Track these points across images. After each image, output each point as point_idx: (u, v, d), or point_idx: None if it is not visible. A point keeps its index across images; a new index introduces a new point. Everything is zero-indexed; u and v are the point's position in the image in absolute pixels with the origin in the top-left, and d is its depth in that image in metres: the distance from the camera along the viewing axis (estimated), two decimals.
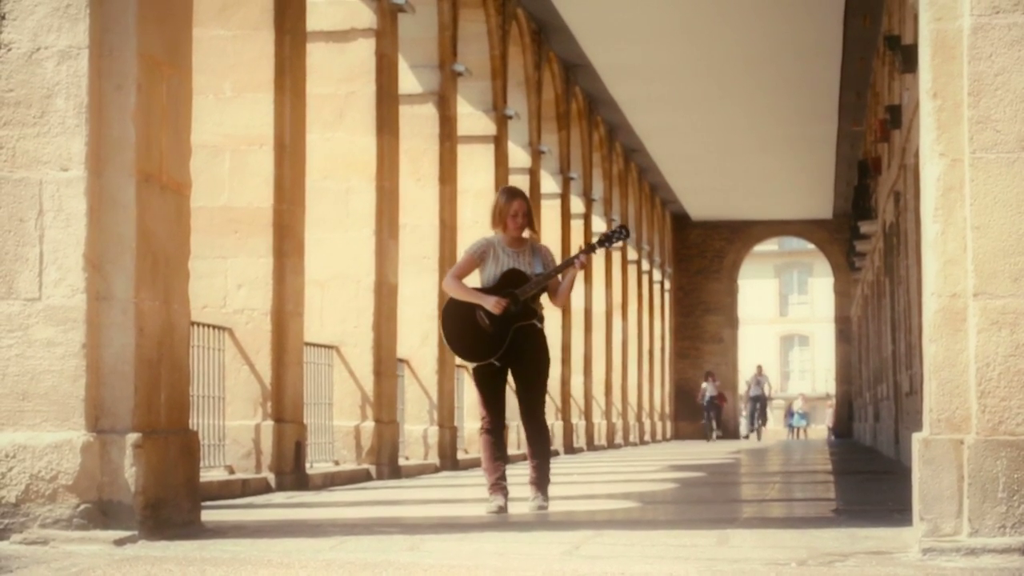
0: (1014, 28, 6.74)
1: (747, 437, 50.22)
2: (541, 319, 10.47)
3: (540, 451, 10.47)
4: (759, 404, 48.36)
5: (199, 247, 10.70)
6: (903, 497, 10.08)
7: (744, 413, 53.81)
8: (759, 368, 49.74)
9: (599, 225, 35.45)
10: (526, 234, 10.43)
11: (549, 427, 10.79)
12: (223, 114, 13.86)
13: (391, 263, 17.27)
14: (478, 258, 10.42)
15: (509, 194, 10.52)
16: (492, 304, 10.18)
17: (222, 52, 13.89)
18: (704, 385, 47.17)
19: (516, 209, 10.39)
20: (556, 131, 29.45)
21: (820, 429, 65.05)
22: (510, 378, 10.45)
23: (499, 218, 10.41)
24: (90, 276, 7.58)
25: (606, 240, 10.79)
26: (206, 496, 9.95)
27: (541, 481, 10.44)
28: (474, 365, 10.43)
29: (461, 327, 10.34)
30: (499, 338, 10.24)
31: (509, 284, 10.29)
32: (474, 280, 10.46)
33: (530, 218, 10.45)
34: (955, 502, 6.67)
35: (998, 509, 6.61)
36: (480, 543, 7.45)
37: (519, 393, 10.44)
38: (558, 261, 10.60)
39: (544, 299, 10.62)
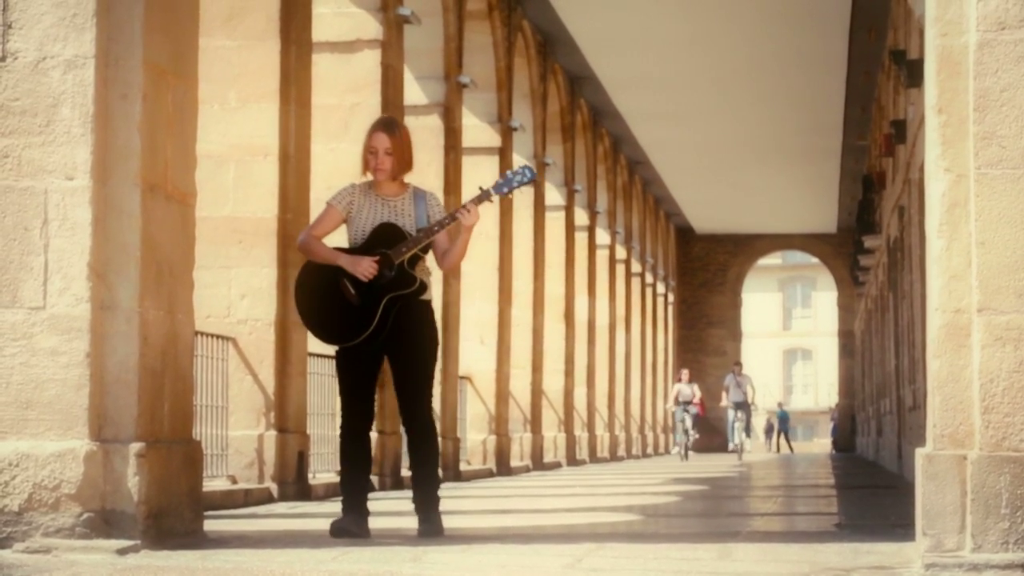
0: (1020, 44, 6.73)
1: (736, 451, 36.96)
2: (425, 288, 8.28)
3: (424, 460, 8.31)
4: (741, 412, 34.99)
5: (203, 257, 10.69)
6: (906, 512, 10.07)
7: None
8: (738, 366, 36.03)
9: (603, 237, 35.45)
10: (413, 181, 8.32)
11: (437, 429, 8.50)
12: (228, 124, 13.87)
13: None
14: (343, 209, 8.25)
15: (372, 127, 8.21)
16: (359, 266, 8.11)
17: (228, 62, 13.90)
18: (676, 386, 36.27)
19: (375, 145, 8.12)
20: (561, 143, 29.47)
21: (821, 443, 64.90)
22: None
23: (363, 159, 8.22)
24: (94, 285, 7.58)
25: (504, 184, 8.39)
26: (208, 506, 9.93)
27: (427, 500, 8.30)
28: (337, 348, 8.35)
29: (319, 299, 8.22)
30: (368, 312, 8.12)
31: (382, 243, 8.15)
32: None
33: (402, 158, 8.13)
34: (958, 518, 6.66)
35: (1001, 525, 6.60)
36: (482, 555, 7.44)
37: (396, 384, 8.31)
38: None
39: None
